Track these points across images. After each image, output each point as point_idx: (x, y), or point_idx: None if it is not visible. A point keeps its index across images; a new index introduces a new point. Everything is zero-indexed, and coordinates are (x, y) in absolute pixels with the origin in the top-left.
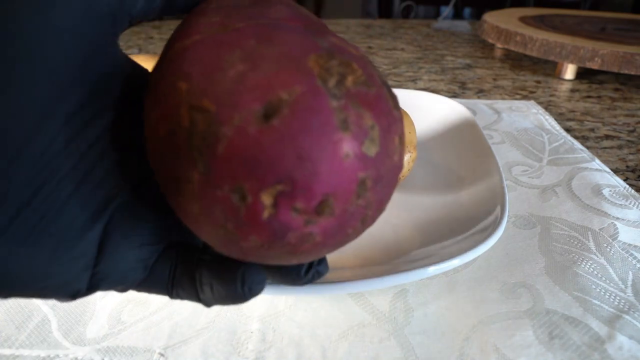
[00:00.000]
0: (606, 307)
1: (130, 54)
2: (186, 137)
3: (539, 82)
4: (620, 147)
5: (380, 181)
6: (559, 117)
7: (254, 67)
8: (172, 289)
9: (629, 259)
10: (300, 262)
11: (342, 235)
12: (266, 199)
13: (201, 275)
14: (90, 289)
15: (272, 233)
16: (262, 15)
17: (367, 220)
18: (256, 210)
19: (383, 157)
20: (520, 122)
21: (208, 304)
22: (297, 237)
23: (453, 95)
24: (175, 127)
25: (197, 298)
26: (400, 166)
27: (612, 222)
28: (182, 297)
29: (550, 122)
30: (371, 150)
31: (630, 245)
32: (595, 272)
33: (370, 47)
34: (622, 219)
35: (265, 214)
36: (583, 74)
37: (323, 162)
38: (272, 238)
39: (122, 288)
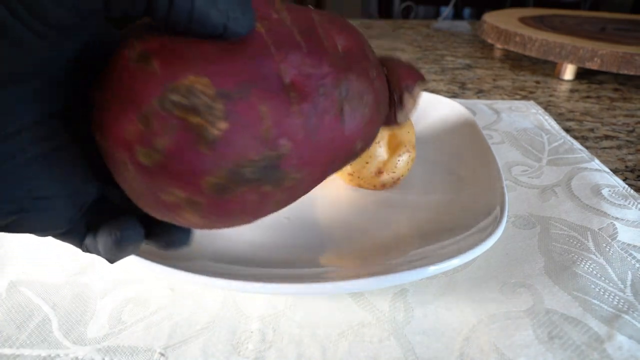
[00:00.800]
0: (605, 306)
1: None
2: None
3: (538, 82)
4: (619, 147)
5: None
6: (559, 117)
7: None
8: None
9: (628, 258)
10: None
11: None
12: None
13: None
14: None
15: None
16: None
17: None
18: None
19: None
20: (520, 122)
21: (89, 251)
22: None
23: (453, 95)
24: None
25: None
26: None
27: (612, 222)
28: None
29: (549, 122)
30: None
31: (629, 245)
32: (595, 272)
33: None
34: (622, 219)
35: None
36: (582, 74)
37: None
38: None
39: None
